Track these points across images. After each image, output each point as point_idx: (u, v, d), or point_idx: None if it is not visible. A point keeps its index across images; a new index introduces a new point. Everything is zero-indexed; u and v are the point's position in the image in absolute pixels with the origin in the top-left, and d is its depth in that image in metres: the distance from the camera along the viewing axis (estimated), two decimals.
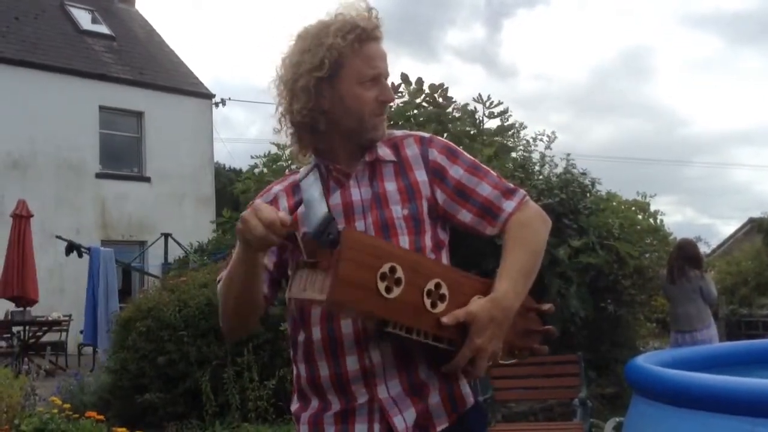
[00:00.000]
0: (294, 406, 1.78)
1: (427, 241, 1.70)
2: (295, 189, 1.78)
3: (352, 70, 1.67)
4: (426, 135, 1.82)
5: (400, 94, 7.50)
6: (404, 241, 1.67)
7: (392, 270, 1.49)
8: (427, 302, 1.54)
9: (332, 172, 1.74)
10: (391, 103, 1.72)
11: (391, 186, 1.72)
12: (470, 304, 1.58)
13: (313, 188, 1.69)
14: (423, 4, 68.40)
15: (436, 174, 1.74)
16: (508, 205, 1.74)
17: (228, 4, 57.63)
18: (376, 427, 1.63)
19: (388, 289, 1.49)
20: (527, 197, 1.78)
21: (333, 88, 1.68)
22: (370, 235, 1.63)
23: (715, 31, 70.36)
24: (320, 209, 1.61)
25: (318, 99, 1.69)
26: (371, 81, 1.68)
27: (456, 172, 1.75)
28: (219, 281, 1.76)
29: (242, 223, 1.52)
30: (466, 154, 1.80)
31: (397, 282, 1.50)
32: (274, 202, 1.77)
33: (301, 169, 1.82)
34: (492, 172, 1.79)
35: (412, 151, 1.77)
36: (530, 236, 1.72)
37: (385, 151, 1.76)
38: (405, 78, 7.61)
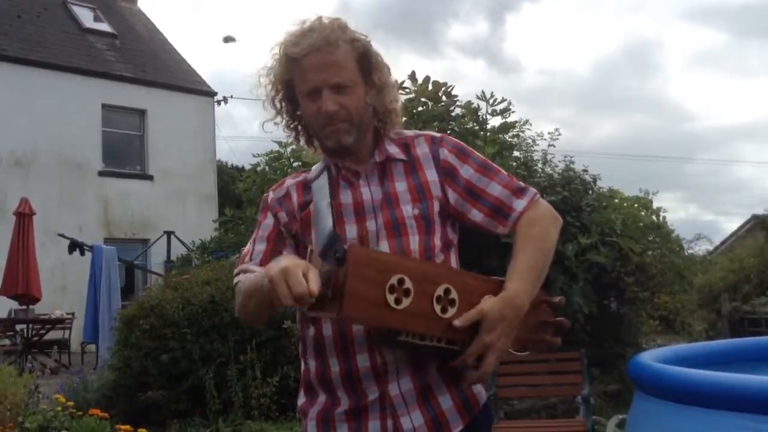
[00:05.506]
0: (301, 401, 1.79)
1: (437, 241, 1.71)
2: (305, 188, 1.79)
3: (298, 86, 1.72)
4: (437, 134, 1.83)
5: (406, 91, 7.48)
6: (414, 240, 1.68)
7: (400, 282, 1.50)
8: (438, 308, 1.54)
9: (341, 170, 1.76)
10: (343, 111, 1.67)
11: (401, 185, 1.74)
12: (481, 303, 1.59)
13: (321, 195, 1.70)
14: None
15: (447, 173, 1.75)
16: (519, 204, 1.75)
17: (229, 1, 57.60)
18: (389, 423, 1.65)
19: (398, 301, 1.50)
20: (538, 195, 1.79)
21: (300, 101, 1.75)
22: (375, 250, 1.64)
23: (720, 25, 70.15)
24: (326, 225, 1.60)
25: (296, 108, 1.77)
26: (309, 94, 1.70)
27: (466, 171, 1.76)
28: (238, 273, 1.76)
29: (271, 284, 1.45)
30: (477, 153, 1.81)
31: (406, 293, 1.51)
32: (286, 196, 1.79)
33: (314, 167, 1.83)
34: (503, 171, 1.80)
35: (422, 150, 1.78)
36: (541, 234, 1.73)
37: (395, 150, 1.77)
38: (412, 75, 7.61)
